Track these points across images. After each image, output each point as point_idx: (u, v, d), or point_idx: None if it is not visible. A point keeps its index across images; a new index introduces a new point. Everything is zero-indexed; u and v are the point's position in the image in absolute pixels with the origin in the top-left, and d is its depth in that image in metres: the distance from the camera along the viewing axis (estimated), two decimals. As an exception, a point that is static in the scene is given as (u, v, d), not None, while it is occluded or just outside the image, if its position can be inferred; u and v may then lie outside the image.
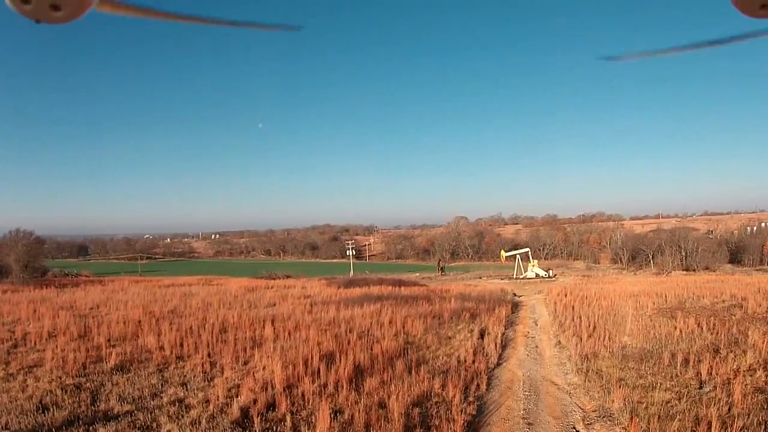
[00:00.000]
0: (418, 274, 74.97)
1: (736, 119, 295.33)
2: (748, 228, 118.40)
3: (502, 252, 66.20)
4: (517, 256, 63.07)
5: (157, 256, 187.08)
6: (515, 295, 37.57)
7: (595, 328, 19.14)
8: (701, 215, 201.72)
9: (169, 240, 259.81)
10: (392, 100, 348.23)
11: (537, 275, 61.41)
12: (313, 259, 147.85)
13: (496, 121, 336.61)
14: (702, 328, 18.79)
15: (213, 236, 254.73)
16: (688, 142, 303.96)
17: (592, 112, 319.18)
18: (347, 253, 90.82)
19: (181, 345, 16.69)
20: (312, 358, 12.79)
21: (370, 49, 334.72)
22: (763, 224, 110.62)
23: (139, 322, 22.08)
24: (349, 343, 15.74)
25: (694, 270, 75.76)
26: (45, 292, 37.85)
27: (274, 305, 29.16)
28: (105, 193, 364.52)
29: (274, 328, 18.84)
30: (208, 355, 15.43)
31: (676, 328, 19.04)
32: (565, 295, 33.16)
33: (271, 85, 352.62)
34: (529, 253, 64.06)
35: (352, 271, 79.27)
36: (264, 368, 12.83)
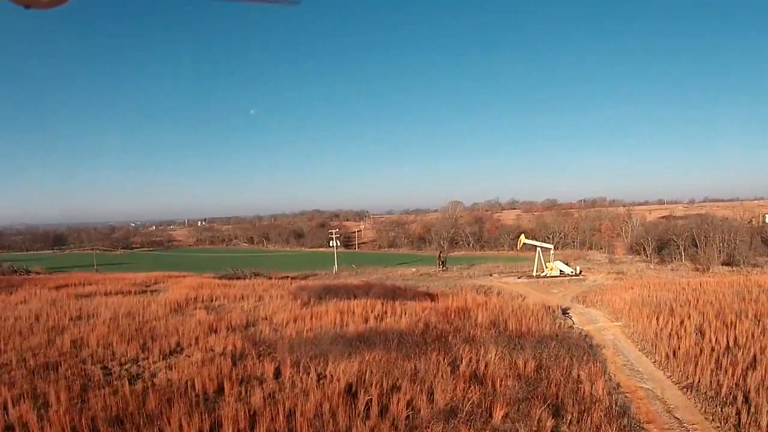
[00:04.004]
0: (414, 269, 63.12)
1: (733, 106, 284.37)
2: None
3: (522, 237, 54.31)
4: (538, 249, 51.36)
5: (134, 246, 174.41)
6: (565, 313, 25.74)
7: None
8: (701, 202, 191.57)
9: (153, 228, 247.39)
10: (383, 83, 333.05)
11: (561, 272, 49.84)
12: (298, 248, 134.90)
13: (489, 103, 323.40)
14: None
15: (199, 223, 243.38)
16: (686, 128, 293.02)
17: (591, 94, 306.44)
18: (331, 244, 78.42)
19: None
20: None
21: (360, 31, 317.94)
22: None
23: None
24: None
25: (737, 265, 64.42)
26: None
27: (180, 352, 17.16)
28: (93, 180, 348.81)
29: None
30: None
31: None
32: (655, 317, 21.48)
33: (262, 69, 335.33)
34: (552, 252, 52.24)
35: (336, 266, 67.24)
36: None
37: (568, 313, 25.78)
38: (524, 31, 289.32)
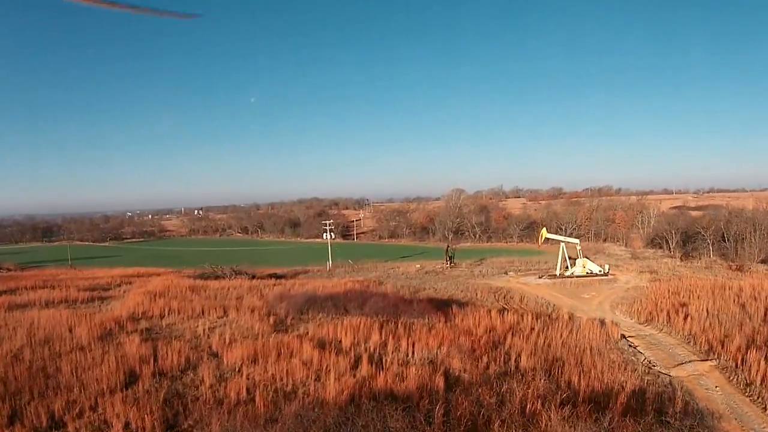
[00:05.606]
0: (419, 265, 56.55)
1: (736, 98, 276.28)
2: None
3: (543, 230, 47.59)
4: (562, 244, 44.89)
5: (125, 237, 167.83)
6: (629, 343, 19.22)
7: None
8: (708, 192, 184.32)
9: (150, 217, 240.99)
10: (384, 69, 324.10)
11: (589, 272, 43.38)
12: (293, 239, 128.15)
13: (490, 91, 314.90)
14: None
15: (196, 212, 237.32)
16: (691, 119, 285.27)
17: (593, 84, 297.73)
18: (324, 237, 71.55)
19: None
20: None
21: (361, 19, 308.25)
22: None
23: None
24: None
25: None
26: None
27: (59, 429, 10.76)
28: (93, 171, 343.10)
29: None
30: None
31: None
32: (762, 354, 15.00)
33: (262, 57, 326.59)
34: (578, 248, 45.60)
35: (330, 262, 60.60)
36: None
37: (628, 340, 19.33)
38: (528, 18, 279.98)
